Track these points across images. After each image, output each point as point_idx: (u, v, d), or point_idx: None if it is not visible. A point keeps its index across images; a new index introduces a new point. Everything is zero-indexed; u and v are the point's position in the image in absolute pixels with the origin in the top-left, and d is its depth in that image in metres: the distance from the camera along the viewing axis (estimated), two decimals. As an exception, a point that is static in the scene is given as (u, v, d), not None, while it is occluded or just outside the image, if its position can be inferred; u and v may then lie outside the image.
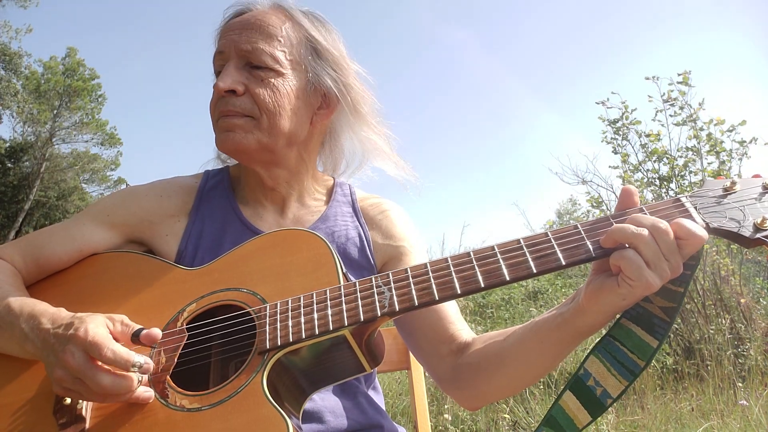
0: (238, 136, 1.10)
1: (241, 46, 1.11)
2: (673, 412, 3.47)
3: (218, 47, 1.16)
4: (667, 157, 5.43)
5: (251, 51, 1.11)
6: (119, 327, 0.89)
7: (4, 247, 1.14)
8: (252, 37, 1.12)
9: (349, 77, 1.21)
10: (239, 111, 1.10)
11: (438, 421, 3.47)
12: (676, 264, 0.77)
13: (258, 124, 1.11)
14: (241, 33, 1.12)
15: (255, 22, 1.13)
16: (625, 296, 0.79)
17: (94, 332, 0.84)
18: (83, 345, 0.83)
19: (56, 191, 24.21)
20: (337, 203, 1.27)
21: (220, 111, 1.12)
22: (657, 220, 0.78)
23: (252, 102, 1.10)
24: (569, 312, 0.87)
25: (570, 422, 0.88)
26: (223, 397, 0.85)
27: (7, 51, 22.42)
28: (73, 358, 0.82)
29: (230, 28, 1.15)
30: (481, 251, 0.86)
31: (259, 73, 1.11)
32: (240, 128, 1.10)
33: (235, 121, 1.10)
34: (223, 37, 1.16)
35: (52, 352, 0.86)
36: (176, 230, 1.18)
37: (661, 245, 0.76)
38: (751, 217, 0.79)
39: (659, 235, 0.76)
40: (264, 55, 1.11)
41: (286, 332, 0.87)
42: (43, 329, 0.89)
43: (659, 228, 0.76)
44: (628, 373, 0.84)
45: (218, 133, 1.13)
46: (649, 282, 0.76)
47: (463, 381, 1.05)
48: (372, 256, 1.21)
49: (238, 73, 1.11)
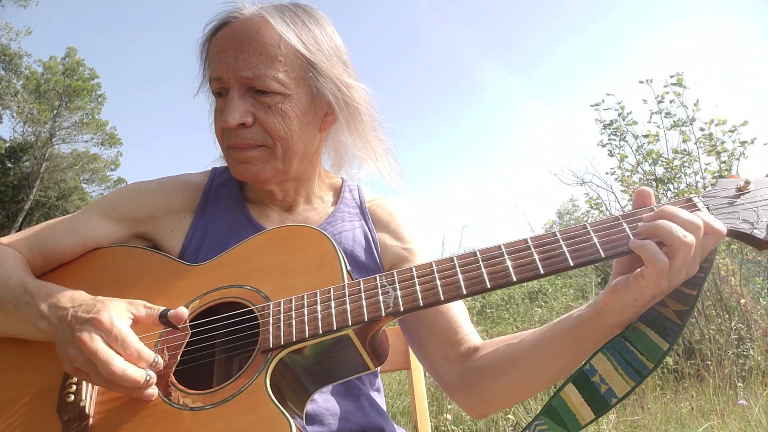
0: (255, 168, 1.09)
1: (241, 74, 1.04)
2: (673, 412, 3.47)
3: (214, 72, 1.07)
4: (662, 159, 5.42)
5: (253, 78, 1.04)
6: (143, 311, 0.91)
7: (11, 238, 1.14)
8: (251, 61, 1.04)
9: (349, 78, 1.17)
10: (252, 143, 1.07)
11: (438, 421, 3.46)
12: (693, 265, 0.77)
13: (273, 153, 1.09)
14: (237, 56, 1.04)
15: (250, 42, 1.04)
16: (638, 296, 0.78)
17: (120, 324, 0.85)
18: (106, 332, 0.84)
19: (56, 191, 24.20)
20: (345, 204, 1.26)
21: (230, 143, 1.08)
22: (693, 216, 0.75)
23: (263, 131, 1.07)
24: (588, 314, 0.86)
25: (572, 417, 0.86)
26: (226, 396, 0.85)
27: (7, 52, 22.41)
28: (91, 340, 0.83)
29: (223, 48, 1.06)
30: (487, 251, 0.85)
31: (265, 99, 1.05)
32: (256, 159, 1.08)
33: (250, 154, 1.08)
34: (216, 59, 1.07)
35: (69, 329, 0.86)
36: (181, 227, 1.18)
37: (694, 251, 0.74)
38: (765, 218, 0.77)
39: (698, 242, 0.74)
40: (268, 80, 1.04)
41: (289, 331, 0.87)
42: (61, 307, 0.90)
43: (697, 226, 0.74)
44: (636, 374, 0.83)
45: (233, 164, 1.10)
46: (662, 286, 0.76)
47: (471, 386, 1.03)
48: (379, 258, 1.20)
49: (243, 103, 1.05)
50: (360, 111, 1.17)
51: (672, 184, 5.40)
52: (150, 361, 0.86)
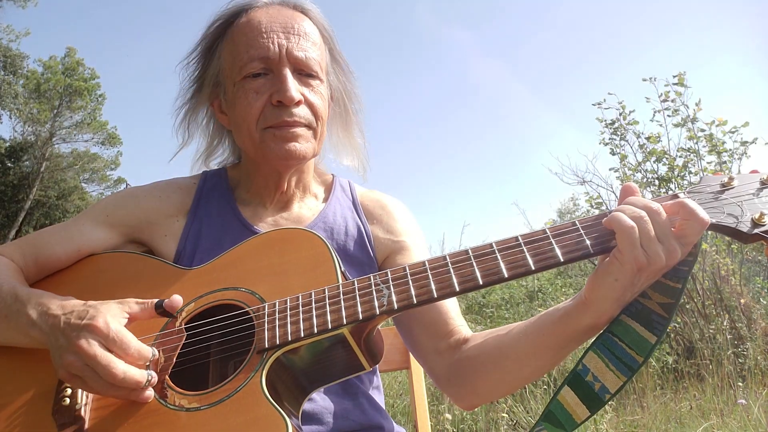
0: (303, 146, 1.11)
1: (295, 54, 1.09)
2: (673, 412, 3.47)
3: (259, 52, 1.08)
4: (666, 158, 5.43)
5: (305, 60, 1.10)
6: (136, 307, 0.91)
7: (5, 247, 1.14)
8: (303, 44, 1.11)
9: (350, 76, 1.25)
10: (303, 121, 1.11)
11: (438, 421, 3.46)
12: (671, 248, 0.78)
13: (314, 133, 1.14)
14: (288, 38, 1.09)
15: (297, 27, 1.11)
16: (618, 276, 0.80)
17: (116, 327, 0.85)
18: (104, 337, 0.84)
19: (56, 191, 24.21)
20: (337, 199, 1.27)
21: (279, 122, 1.09)
22: (649, 202, 0.80)
23: (309, 112, 1.12)
24: (573, 305, 0.87)
25: (568, 417, 0.87)
26: (221, 397, 0.85)
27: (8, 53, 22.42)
28: (89, 345, 0.83)
29: (268, 29, 1.09)
30: (479, 248, 0.86)
31: (309, 81, 1.12)
32: (303, 138, 1.11)
33: (299, 131, 1.11)
34: (261, 39, 1.09)
35: (64, 336, 0.86)
36: (175, 230, 1.18)
37: (655, 226, 0.78)
38: (749, 213, 0.79)
39: (652, 215, 0.78)
40: (315, 64, 1.12)
41: (284, 331, 0.87)
42: (52, 315, 0.90)
43: (651, 208, 0.79)
44: (626, 368, 0.84)
45: (278, 142, 1.10)
46: (639, 259, 0.77)
47: (461, 377, 1.04)
48: (373, 251, 1.21)
49: (296, 82, 1.10)
50: (355, 107, 1.25)
51: (674, 183, 5.40)
52: (149, 357, 0.87)
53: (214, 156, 1.31)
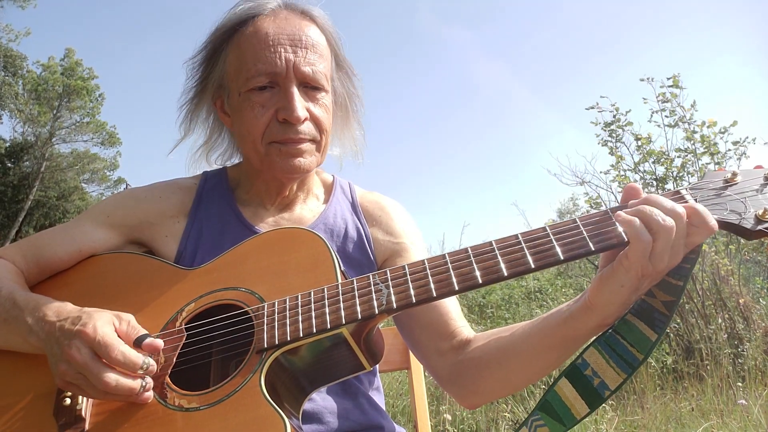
0: (306, 161, 1.12)
1: (302, 69, 1.08)
2: (673, 412, 3.47)
3: (266, 67, 1.07)
4: (664, 158, 5.42)
5: (312, 75, 1.10)
6: (125, 327, 0.90)
7: (5, 249, 1.14)
8: (310, 57, 1.09)
9: (353, 79, 1.25)
10: (307, 137, 1.11)
11: (438, 421, 3.46)
12: (676, 254, 0.78)
13: (318, 146, 1.15)
14: (296, 52, 1.08)
15: (304, 39, 1.10)
16: (624, 282, 0.79)
17: (103, 331, 0.85)
18: (91, 343, 0.84)
19: (56, 191, 24.20)
20: (337, 201, 1.28)
21: (284, 138, 1.09)
22: (676, 206, 0.77)
23: (314, 127, 1.12)
24: (577, 308, 0.87)
25: (567, 411, 0.87)
26: (221, 397, 0.85)
27: (9, 54, 22.42)
28: (79, 354, 0.83)
29: (275, 42, 1.08)
30: (478, 247, 0.85)
31: (314, 94, 1.12)
32: (307, 153, 1.12)
33: (304, 147, 1.11)
34: (268, 52, 1.07)
35: (57, 344, 0.86)
36: (176, 231, 1.18)
37: (674, 237, 0.76)
38: (753, 209, 0.77)
39: (678, 220, 0.76)
40: (321, 77, 1.11)
41: (284, 331, 0.87)
42: (47, 321, 0.90)
43: (677, 213, 0.76)
44: (627, 365, 0.84)
45: (283, 158, 1.10)
46: (645, 267, 0.77)
47: (464, 378, 1.04)
48: (372, 253, 1.22)
49: (302, 98, 1.10)
50: (356, 106, 1.25)
51: (671, 184, 5.40)
52: (139, 364, 0.85)
53: (214, 150, 1.31)
